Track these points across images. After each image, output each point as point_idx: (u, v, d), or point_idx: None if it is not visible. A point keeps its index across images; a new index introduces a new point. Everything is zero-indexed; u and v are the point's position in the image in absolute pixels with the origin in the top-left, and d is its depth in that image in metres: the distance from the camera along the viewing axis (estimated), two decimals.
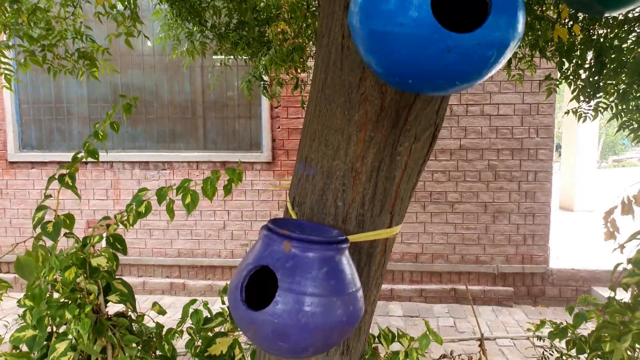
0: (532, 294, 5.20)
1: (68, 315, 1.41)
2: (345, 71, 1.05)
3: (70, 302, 1.45)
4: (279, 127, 5.31)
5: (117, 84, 5.42)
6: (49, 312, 1.43)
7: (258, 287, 1.07)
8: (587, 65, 2.88)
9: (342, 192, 1.12)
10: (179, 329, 1.88)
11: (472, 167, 5.16)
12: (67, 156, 5.39)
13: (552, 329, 2.01)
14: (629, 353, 1.56)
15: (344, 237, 1.02)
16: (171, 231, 5.42)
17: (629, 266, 1.68)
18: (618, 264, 1.65)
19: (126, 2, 2.80)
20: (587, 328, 2.00)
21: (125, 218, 1.79)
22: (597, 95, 2.93)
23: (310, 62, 3.88)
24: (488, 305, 5.14)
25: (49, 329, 1.58)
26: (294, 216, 1.18)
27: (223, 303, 2.16)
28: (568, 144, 9.50)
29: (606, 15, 2.49)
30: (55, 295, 1.62)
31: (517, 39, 0.72)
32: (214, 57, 3.99)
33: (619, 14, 2.36)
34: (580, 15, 2.74)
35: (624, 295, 1.80)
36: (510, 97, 5.07)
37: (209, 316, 2.02)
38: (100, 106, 5.45)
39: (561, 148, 10.33)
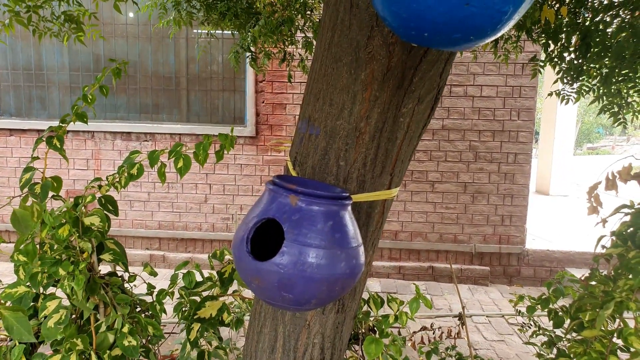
0: (507, 274, 5.34)
1: (62, 272, 1.41)
2: (354, 30, 1.06)
3: (64, 258, 1.45)
4: (263, 102, 5.28)
5: (99, 53, 5.30)
6: (42, 269, 1.42)
7: (259, 242, 1.08)
8: (572, 48, 2.94)
9: (344, 152, 1.14)
10: (170, 290, 1.89)
11: (453, 148, 5.23)
12: (46, 124, 5.28)
13: (530, 304, 2.09)
14: (608, 321, 1.63)
15: (348, 194, 1.04)
16: (152, 203, 5.38)
17: (608, 243, 1.74)
18: (602, 237, 1.71)
19: None
20: (558, 306, 2.08)
21: (117, 180, 1.78)
22: (580, 78, 3.00)
23: (299, 35, 3.85)
24: (464, 284, 5.26)
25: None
26: (295, 175, 1.20)
27: (212, 269, 2.17)
28: (546, 130, 9.69)
29: None
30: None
31: None
32: (200, 30, 3.93)
33: None
34: None
35: (602, 271, 1.88)
36: (494, 79, 5.13)
37: (197, 280, 2.04)
38: (82, 75, 5.33)
39: (539, 134, 10.53)
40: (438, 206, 5.34)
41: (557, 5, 2.75)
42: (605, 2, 2.69)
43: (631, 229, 1.63)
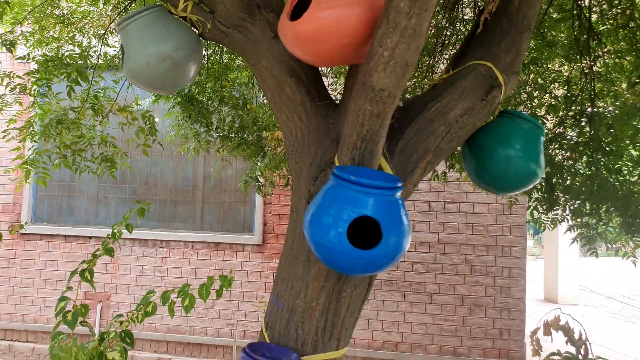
0: None
1: None
2: (307, 242, 1.49)
3: None
4: (270, 212, 5.74)
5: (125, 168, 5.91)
6: None
7: None
8: (538, 187, 3.30)
9: (301, 324, 1.52)
10: None
11: (449, 261, 5.52)
12: (72, 230, 5.81)
13: None
14: None
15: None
16: (161, 307, 5.68)
17: None
18: None
19: (146, 119, 3.32)
20: None
21: (136, 315, 2.17)
22: (554, 209, 3.30)
23: None
24: None
25: None
26: (266, 337, 1.58)
27: None
28: (549, 234, 9.61)
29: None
30: None
31: (403, 252, 1.17)
32: (217, 153, 4.50)
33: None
34: None
35: None
36: (484, 197, 5.51)
37: None
38: (109, 186, 5.92)
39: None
40: (437, 317, 5.51)
41: None
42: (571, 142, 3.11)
43: None
